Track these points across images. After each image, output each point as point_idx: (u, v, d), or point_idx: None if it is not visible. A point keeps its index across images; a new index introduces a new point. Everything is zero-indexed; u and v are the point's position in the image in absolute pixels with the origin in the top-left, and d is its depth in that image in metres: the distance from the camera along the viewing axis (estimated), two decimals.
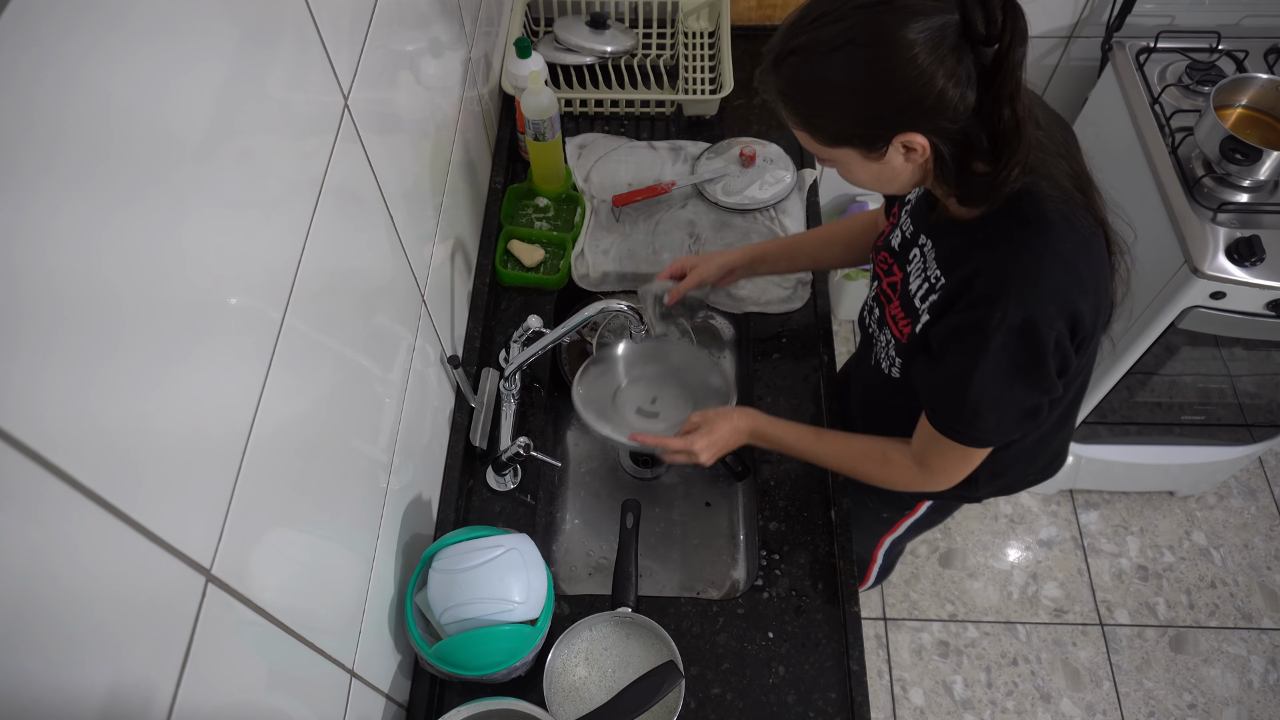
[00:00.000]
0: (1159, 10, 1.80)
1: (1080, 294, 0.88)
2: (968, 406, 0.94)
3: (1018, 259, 0.87)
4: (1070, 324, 0.88)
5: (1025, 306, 0.86)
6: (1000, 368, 0.89)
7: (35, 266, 0.42)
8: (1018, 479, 1.22)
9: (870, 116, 0.83)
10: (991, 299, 0.87)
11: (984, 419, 0.95)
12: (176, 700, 0.55)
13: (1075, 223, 0.88)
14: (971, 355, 0.90)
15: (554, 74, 1.66)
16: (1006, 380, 0.91)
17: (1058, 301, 0.87)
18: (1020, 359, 0.89)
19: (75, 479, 0.45)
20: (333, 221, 0.78)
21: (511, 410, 1.28)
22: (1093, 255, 0.90)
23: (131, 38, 0.48)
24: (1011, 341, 0.88)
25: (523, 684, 1.09)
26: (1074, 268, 0.87)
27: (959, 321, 0.92)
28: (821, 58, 0.81)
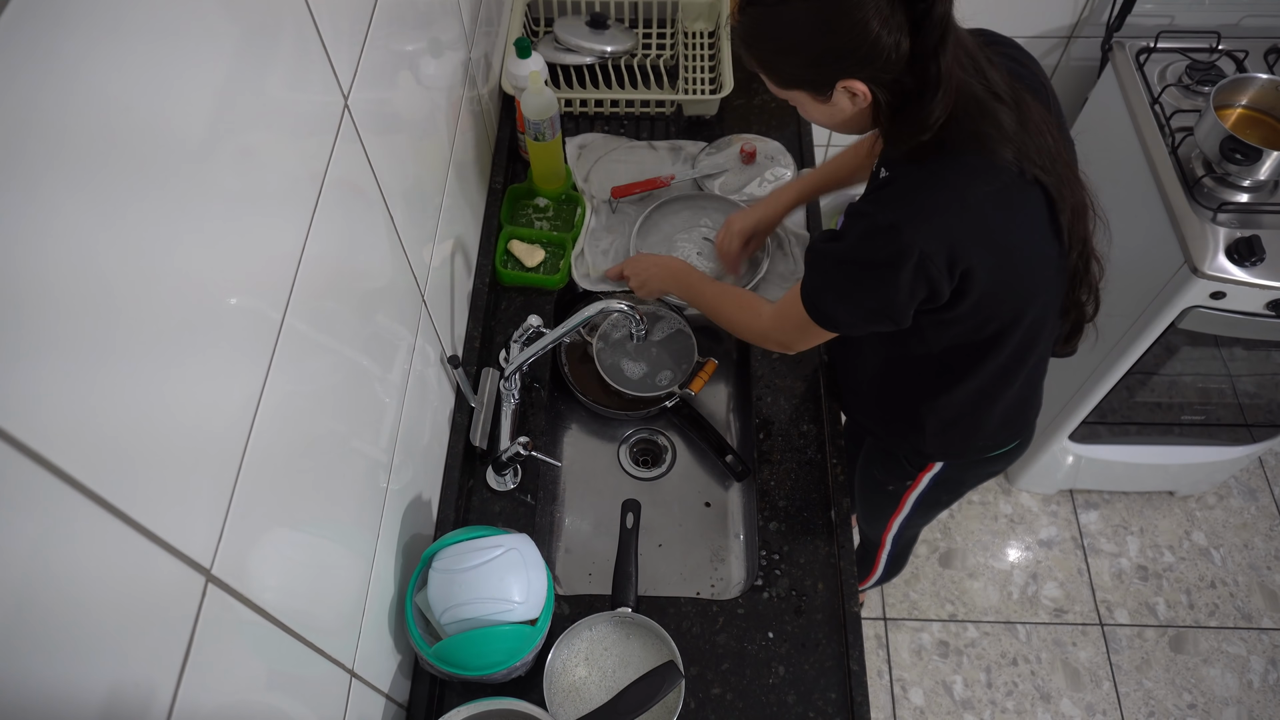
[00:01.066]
0: (1159, 10, 1.80)
1: (967, 224, 0.93)
2: (818, 274, 1.04)
3: (914, 177, 0.96)
4: (946, 248, 0.93)
5: (897, 213, 0.94)
6: (856, 255, 0.98)
7: (36, 267, 0.42)
8: (967, 438, 1.26)
9: (814, 61, 0.92)
10: (876, 201, 0.98)
11: (824, 297, 1.04)
12: (176, 700, 0.55)
13: (999, 168, 0.94)
14: (840, 237, 1.00)
15: (554, 74, 1.65)
16: (857, 269, 0.99)
17: (934, 220, 0.93)
18: (874, 256, 0.96)
19: (75, 479, 0.45)
20: (333, 221, 0.78)
21: (511, 410, 1.28)
22: (1009, 200, 0.95)
23: (131, 39, 0.48)
24: (872, 236, 0.96)
25: (523, 684, 1.09)
26: (967, 199, 0.93)
27: (847, 211, 1.01)
28: (774, 7, 0.91)
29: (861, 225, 0.97)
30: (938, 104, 0.90)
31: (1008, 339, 1.06)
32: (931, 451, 1.28)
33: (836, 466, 1.28)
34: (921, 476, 1.36)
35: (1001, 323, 1.03)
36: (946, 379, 1.15)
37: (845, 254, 0.99)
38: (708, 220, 1.52)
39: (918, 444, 1.27)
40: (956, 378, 1.13)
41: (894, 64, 0.89)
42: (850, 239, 0.98)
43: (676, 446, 1.46)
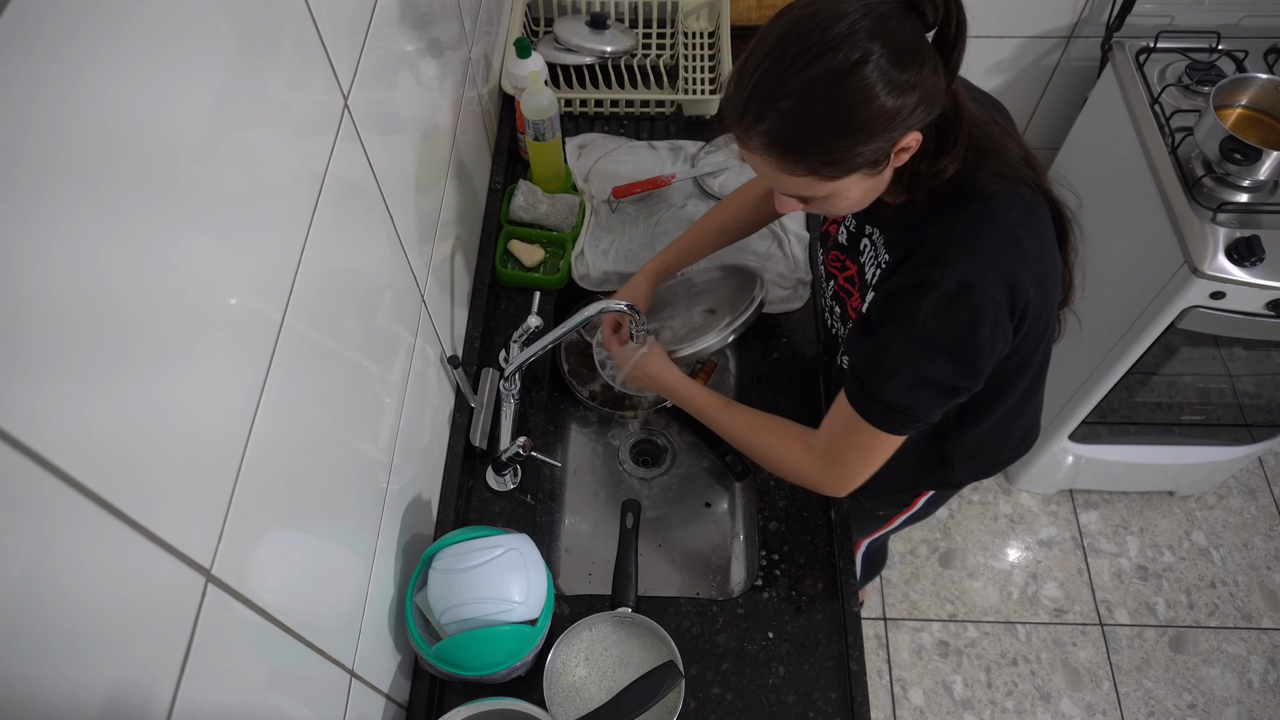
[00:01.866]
0: (1159, 10, 1.80)
1: (1021, 261, 0.87)
2: (883, 369, 0.90)
3: (957, 226, 0.87)
4: (1010, 293, 0.87)
5: (962, 271, 0.85)
6: (928, 333, 0.87)
7: (37, 267, 0.42)
8: (993, 459, 1.23)
9: (883, 130, 0.79)
10: (929, 263, 0.86)
11: (896, 388, 0.90)
12: (176, 700, 0.55)
13: (1019, 194, 0.89)
14: (903, 319, 0.88)
15: (554, 74, 1.66)
16: (932, 348, 0.88)
17: (996, 268, 0.86)
18: (951, 327, 0.86)
19: (76, 479, 0.45)
20: (333, 221, 0.78)
21: (511, 410, 1.28)
22: (1036, 224, 0.90)
23: (131, 39, 0.48)
24: (944, 306, 0.86)
25: (523, 684, 1.09)
26: (1014, 235, 0.87)
27: (895, 286, 0.90)
28: (822, 92, 0.77)
29: (925, 300, 0.85)
30: (963, 134, 0.85)
31: (1031, 360, 1.02)
32: (960, 481, 1.24)
33: None
34: (917, 501, 1.34)
35: (1029, 346, 0.98)
36: (974, 414, 1.08)
37: (917, 336, 0.87)
38: None
39: (945, 479, 1.23)
40: (985, 410, 1.07)
41: (942, 101, 0.81)
42: (915, 320, 0.86)
43: (676, 446, 1.46)
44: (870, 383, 0.93)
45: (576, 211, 1.48)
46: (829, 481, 1.03)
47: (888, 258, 0.96)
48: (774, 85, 0.79)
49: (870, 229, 1.01)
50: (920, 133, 0.82)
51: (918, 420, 0.94)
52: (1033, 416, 1.22)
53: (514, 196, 1.46)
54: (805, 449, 1.04)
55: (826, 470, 1.02)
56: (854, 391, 0.96)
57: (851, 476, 1.02)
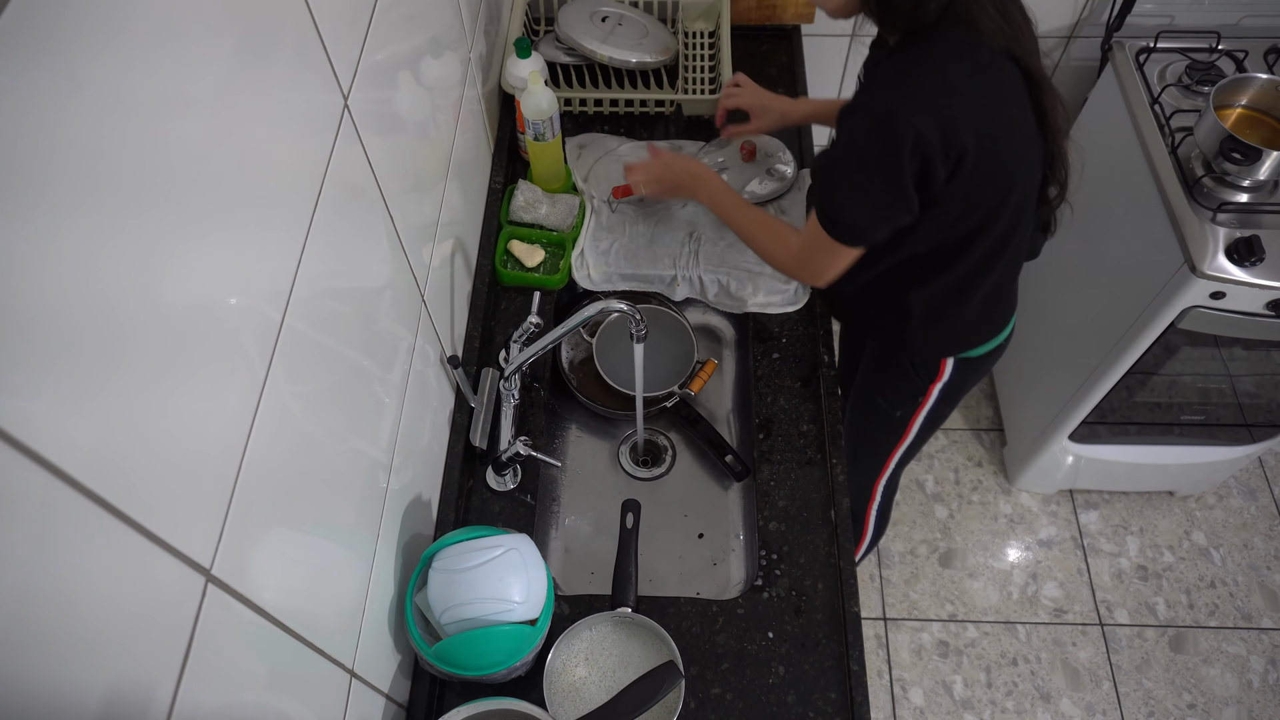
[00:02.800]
0: (1159, 10, 1.81)
1: (949, 101, 0.96)
2: (827, 184, 1.05)
3: (898, 63, 0.98)
4: (939, 129, 0.95)
5: (888, 100, 0.96)
6: (857, 152, 1.00)
7: (36, 267, 0.42)
8: (952, 331, 1.30)
9: None
10: (865, 90, 1.00)
11: (839, 201, 1.05)
12: (176, 700, 0.55)
13: (975, 48, 0.97)
14: (841, 140, 1.01)
15: (554, 74, 1.66)
16: (862, 165, 1.00)
17: (924, 101, 0.95)
18: (876, 148, 0.98)
19: (76, 480, 0.45)
20: (332, 221, 0.78)
21: (511, 410, 1.28)
22: (988, 81, 0.98)
23: (131, 39, 0.48)
24: (871, 129, 0.97)
25: (523, 684, 1.09)
26: (948, 79, 0.96)
27: (842, 110, 1.02)
28: None
29: (857, 121, 0.98)
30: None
31: (991, 227, 1.09)
32: (918, 344, 1.32)
33: (836, 466, 1.28)
34: (932, 389, 1.38)
35: (988, 208, 1.06)
36: (934, 270, 1.19)
37: (848, 152, 1.01)
38: (707, 222, 1.52)
39: (905, 336, 1.31)
40: (942, 267, 1.17)
41: None
42: (849, 137, 1.00)
43: (676, 446, 1.46)
44: (822, 193, 1.08)
45: (576, 211, 1.48)
46: (804, 276, 1.23)
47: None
48: None
49: (862, 74, 1.14)
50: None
51: (869, 232, 1.08)
52: (995, 295, 1.27)
53: (514, 196, 1.46)
54: (785, 249, 1.22)
55: (800, 268, 1.21)
56: (818, 203, 1.09)
57: (820, 273, 1.18)
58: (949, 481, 2.32)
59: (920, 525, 2.25)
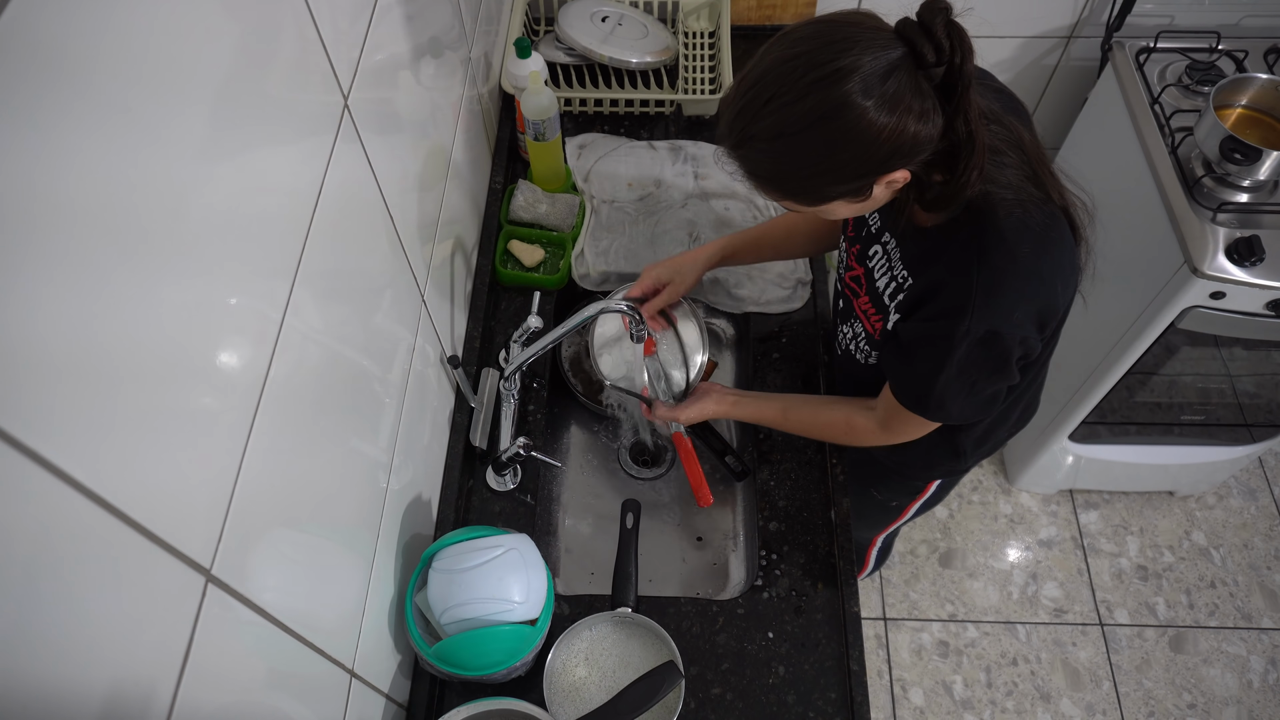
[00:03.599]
0: (1159, 10, 1.80)
1: (1044, 293, 0.92)
2: (933, 398, 1.00)
3: (979, 274, 0.90)
4: (1038, 322, 0.93)
5: (988, 320, 0.90)
6: (964, 372, 0.95)
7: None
8: (997, 440, 1.27)
9: (854, 175, 0.84)
10: (956, 313, 0.91)
11: (948, 408, 1.01)
12: (176, 700, 0.55)
13: (1030, 221, 0.90)
14: (938, 360, 0.95)
15: (554, 74, 1.66)
16: (969, 380, 0.97)
17: (1021, 308, 0.91)
18: (983, 364, 0.95)
19: (76, 480, 0.45)
20: (332, 221, 0.78)
21: (511, 410, 1.28)
22: (1053, 247, 0.92)
23: (131, 38, 0.48)
24: (975, 351, 0.93)
25: (523, 684, 1.09)
26: (1035, 269, 0.91)
27: (926, 330, 0.96)
28: (792, 139, 0.81)
29: (957, 347, 0.92)
30: (977, 161, 0.85)
31: (1043, 354, 1.06)
32: (970, 466, 1.29)
33: (836, 466, 1.28)
34: (929, 487, 1.36)
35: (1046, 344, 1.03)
36: None
37: (954, 373, 0.95)
38: (706, 222, 1.51)
39: (955, 467, 1.28)
40: None
41: (933, 142, 0.83)
42: (952, 361, 0.93)
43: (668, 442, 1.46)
44: (920, 405, 1.03)
45: (576, 211, 1.48)
46: (889, 443, 1.15)
47: (905, 274, 1.00)
48: (750, 120, 0.82)
49: (888, 238, 1.04)
50: (909, 170, 0.84)
51: (966, 420, 1.06)
52: (1034, 395, 1.25)
53: (514, 196, 1.46)
54: (867, 430, 1.14)
55: (886, 438, 1.14)
56: (907, 403, 1.04)
57: (912, 438, 1.12)
58: None
59: (920, 525, 2.25)
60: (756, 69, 0.83)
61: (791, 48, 0.81)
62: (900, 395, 1.05)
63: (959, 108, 0.81)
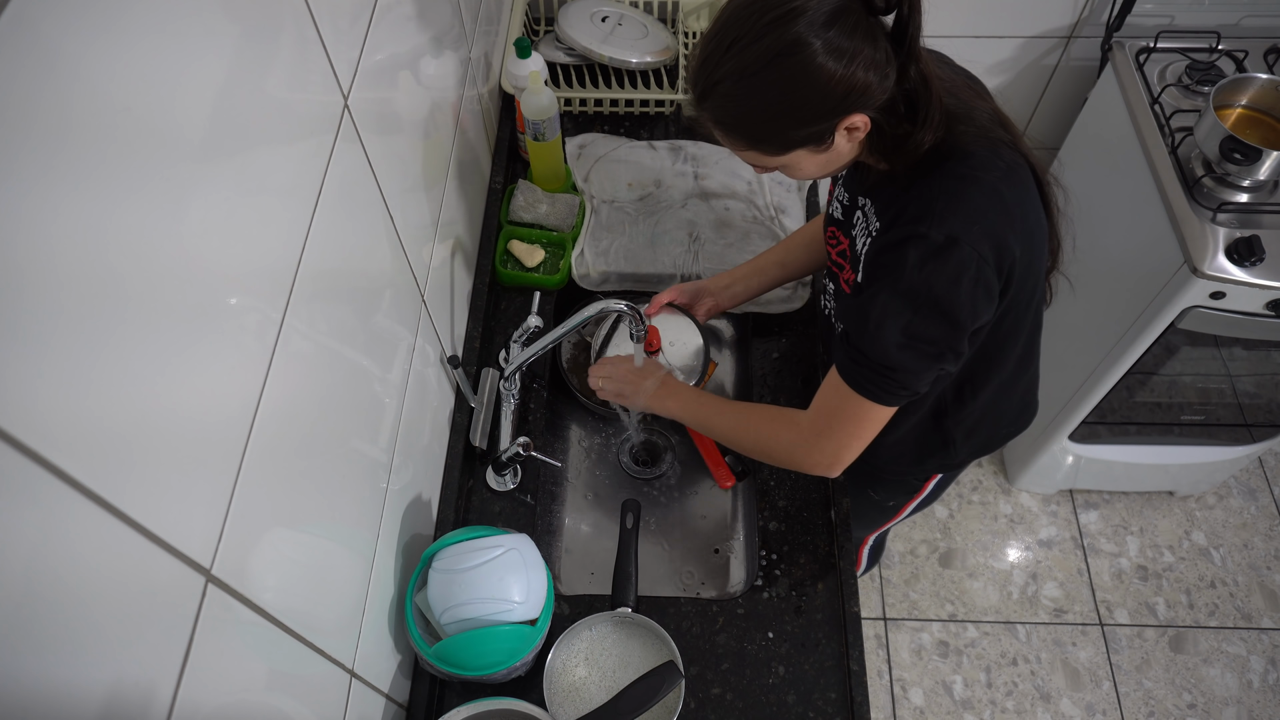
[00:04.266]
0: (1159, 10, 1.80)
1: (1006, 219, 0.89)
2: (870, 324, 0.90)
3: (943, 185, 0.90)
4: (995, 249, 0.88)
5: (949, 225, 0.87)
6: (914, 285, 0.87)
7: (35, 266, 0.42)
8: (992, 434, 1.23)
9: (814, 116, 0.85)
10: (916, 219, 0.89)
11: (885, 344, 0.90)
12: (176, 700, 0.55)
13: (999, 153, 0.91)
14: (890, 272, 0.89)
15: (554, 74, 1.66)
16: (917, 300, 0.88)
17: (982, 223, 0.88)
18: (937, 279, 0.87)
19: (75, 479, 0.45)
20: (332, 221, 0.78)
21: (511, 410, 1.28)
22: (1018, 184, 0.92)
23: (131, 38, 0.48)
24: (931, 258, 0.86)
25: (523, 684, 1.09)
26: (998, 193, 0.89)
27: (883, 243, 0.92)
28: (751, 78, 0.84)
29: (912, 252, 0.87)
30: (935, 107, 0.87)
31: (1021, 326, 1.03)
32: (963, 460, 1.27)
33: None
34: (926, 486, 1.35)
35: (1018, 311, 0.99)
36: (970, 386, 1.10)
37: (903, 287, 0.87)
38: (707, 222, 1.52)
39: (947, 459, 1.25)
40: (980, 382, 1.09)
41: (889, 86, 0.85)
42: (902, 272, 0.87)
43: (676, 446, 1.46)
44: (858, 341, 0.93)
45: (576, 211, 1.48)
46: (818, 458, 1.03)
47: (878, 224, 0.97)
48: (714, 68, 0.85)
49: (863, 200, 1.01)
50: (867, 115, 0.86)
51: (904, 386, 0.94)
52: (1029, 387, 1.23)
53: (514, 196, 1.46)
54: (794, 427, 1.05)
55: (815, 446, 1.02)
56: (843, 359, 0.97)
57: (840, 451, 1.01)
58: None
59: (920, 525, 2.25)
60: (717, 21, 0.86)
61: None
62: (842, 346, 0.96)
63: (910, 54, 0.84)
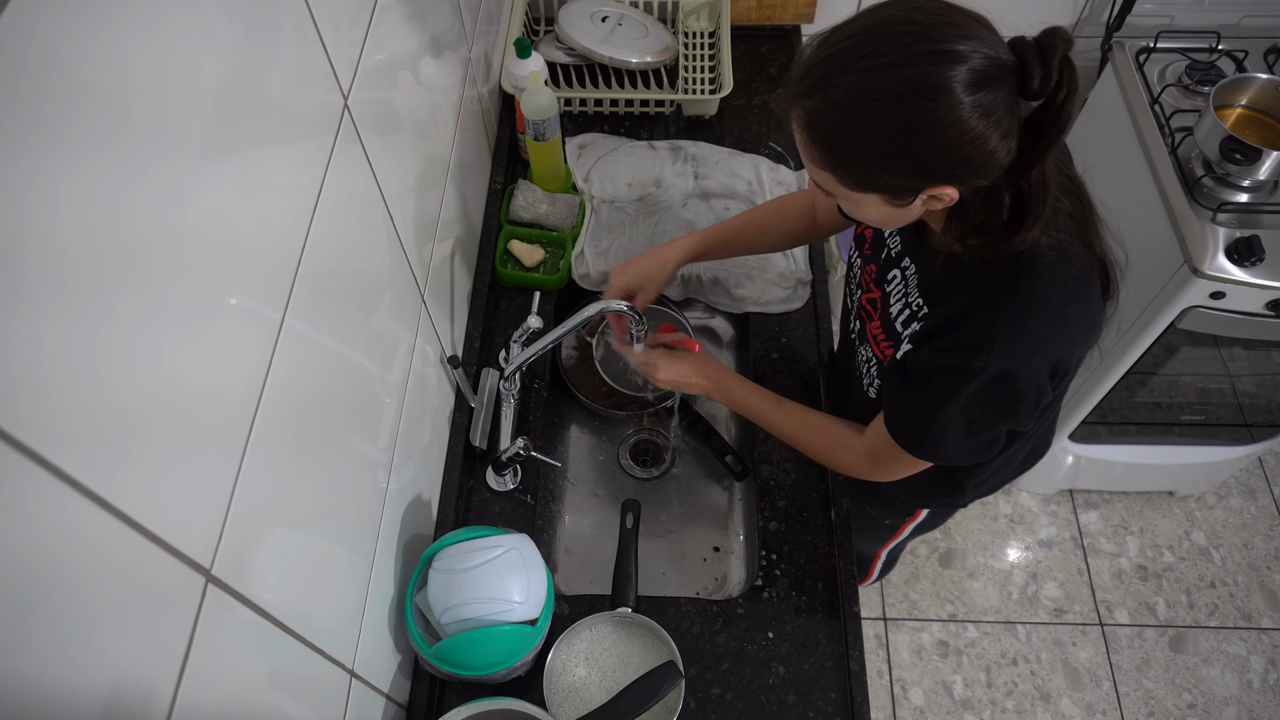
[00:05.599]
0: (1159, 10, 1.80)
1: (1066, 344, 0.88)
2: (930, 437, 0.95)
3: (1005, 309, 0.85)
4: (1052, 370, 0.88)
5: (1006, 359, 0.85)
6: (969, 410, 0.90)
7: (36, 267, 0.42)
8: (1000, 480, 1.24)
9: (917, 170, 0.77)
10: (974, 346, 0.86)
11: (944, 448, 0.96)
12: (176, 700, 0.55)
13: (1069, 267, 0.86)
14: (945, 393, 0.90)
15: (554, 74, 1.66)
16: (974, 421, 0.92)
17: (1041, 353, 0.86)
18: (989, 404, 0.89)
19: (75, 479, 0.45)
20: (332, 221, 0.78)
21: (511, 410, 1.28)
22: (1083, 299, 0.88)
23: (131, 39, 0.48)
24: (986, 390, 0.87)
25: (523, 684, 1.09)
26: (1062, 317, 0.86)
27: (939, 360, 0.91)
28: (873, 103, 0.74)
29: (967, 382, 0.87)
30: (1044, 214, 0.80)
31: (1056, 403, 1.04)
32: (965, 503, 1.27)
33: None
34: (919, 513, 1.35)
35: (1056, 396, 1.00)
36: None
37: (958, 410, 0.90)
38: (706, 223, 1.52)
39: (953, 502, 1.26)
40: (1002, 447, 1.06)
41: (1000, 170, 0.77)
42: (959, 394, 0.88)
43: (676, 447, 1.46)
44: (916, 442, 0.98)
45: (576, 211, 1.48)
46: (873, 478, 1.11)
47: (921, 302, 0.95)
48: (836, 70, 0.76)
49: (908, 263, 0.99)
50: (959, 191, 0.79)
51: (959, 463, 1.01)
52: (1043, 436, 1.22)
53: (514, 196, 1.46)
54: (852, 455, 1.09)
55: (871, 472, 1.09)
56: (900, 438, 0.99)
57: (895, 478, 1.09)
58: None
59: None
60: (859, 23, 0.76)
61: (908, 14, 0.74)
62: (895, 428, 0.99)
63: (1041, 151, 0.76)
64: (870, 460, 1.07)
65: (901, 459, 1.01)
